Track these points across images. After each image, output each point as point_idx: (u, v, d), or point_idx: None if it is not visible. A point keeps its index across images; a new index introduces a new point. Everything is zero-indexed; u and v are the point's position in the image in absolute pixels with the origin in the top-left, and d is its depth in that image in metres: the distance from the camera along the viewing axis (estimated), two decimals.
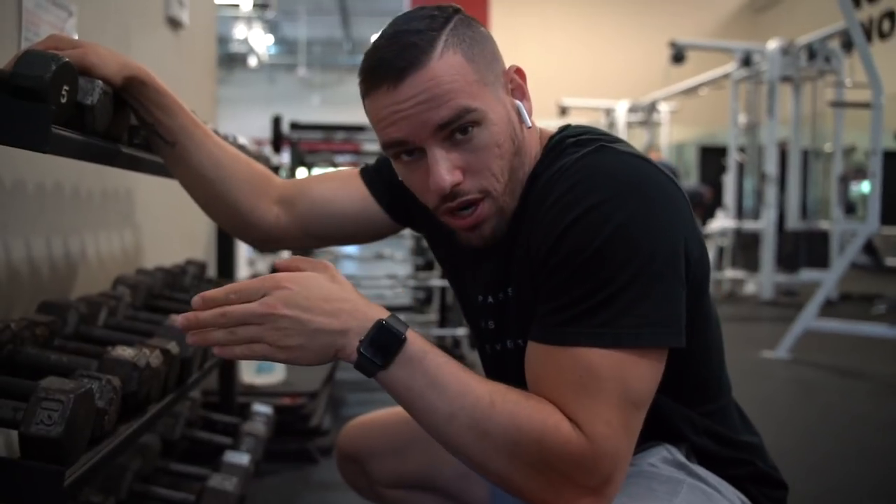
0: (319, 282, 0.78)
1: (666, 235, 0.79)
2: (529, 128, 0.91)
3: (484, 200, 0.87)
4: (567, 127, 0.95)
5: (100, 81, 0.90)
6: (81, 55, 0.90)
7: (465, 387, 0.78)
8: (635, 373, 0.77)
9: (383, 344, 0.77)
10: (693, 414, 0.93)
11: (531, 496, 0.79)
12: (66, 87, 0.81)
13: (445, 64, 0.82)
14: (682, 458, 0.91)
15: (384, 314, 0.79)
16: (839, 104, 6.39)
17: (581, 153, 0.85)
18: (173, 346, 1.12)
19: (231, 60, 16.12)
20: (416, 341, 0.78)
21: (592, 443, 0.75)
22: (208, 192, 1.11)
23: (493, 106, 0.86)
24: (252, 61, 15.95)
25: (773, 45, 6.66)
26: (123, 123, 1.02)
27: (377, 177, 1.14)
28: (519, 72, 0.91)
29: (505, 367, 0.96)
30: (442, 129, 0.83)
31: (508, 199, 0.89)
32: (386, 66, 0.83)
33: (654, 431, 0.84)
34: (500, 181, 0.87)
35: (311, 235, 1.16)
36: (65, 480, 0.74)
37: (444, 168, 0.84)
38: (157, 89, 1.01)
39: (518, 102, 0.90)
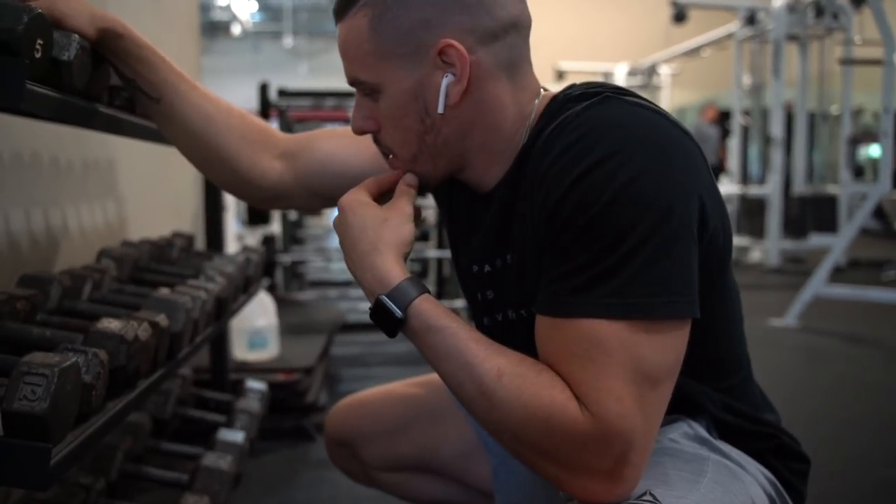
0: (364, 219, 0.86)
1: (680, 192, 0.75)
2: (441, 113, 0.85)
3: (392, 157, 0.92)
4: (572, 86, 0.91)
5: (76, 35, 0.86)
6: (50, 5, 0.86)
7: (472, 358, 0.78)
8: (649, 345, 0.74)
9: (382, 321, 0.82)
10: (712, 390, 0.91)
11: (545, 473, 0.77)
12: (40, 41, 0.78)
13: (351, 26, 0.85)
14: (703, 433, 0.89)
15: (390, 285, 0.83)
16: (848, 62, 6.35)
17: (584, 104, 0.81)
18: (162, 319, 1.10)
19: (213, 29, 15.92)
20: (418, 315, 0.81)
21: (601, 422, 0.72)
22: (202, 149, 1.07)
23: (393, 81, 0.85)
24: (235, 29, 15.75)
25: (778, 2, 6.59)
26: (103, 82, 0.99)
27: None
28: (452, 47, 0.82)
29: (505, 341, 0.94)
30: (353, 85, 0.89)
31: (427, 168, 0.90)
32: (334, 3, 0.88)
33: (674, 405, 0.82)
34: (403, 150, 0.90)
35: (315, 194, 1.12)
36: (51, 459, 0.72)
37: (359, 114, 0.91)
38: (134, 41, 0.97)
39: (445, 78, 0.84)
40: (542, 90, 0.91)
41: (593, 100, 0.82)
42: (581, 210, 0.75)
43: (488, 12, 0.83)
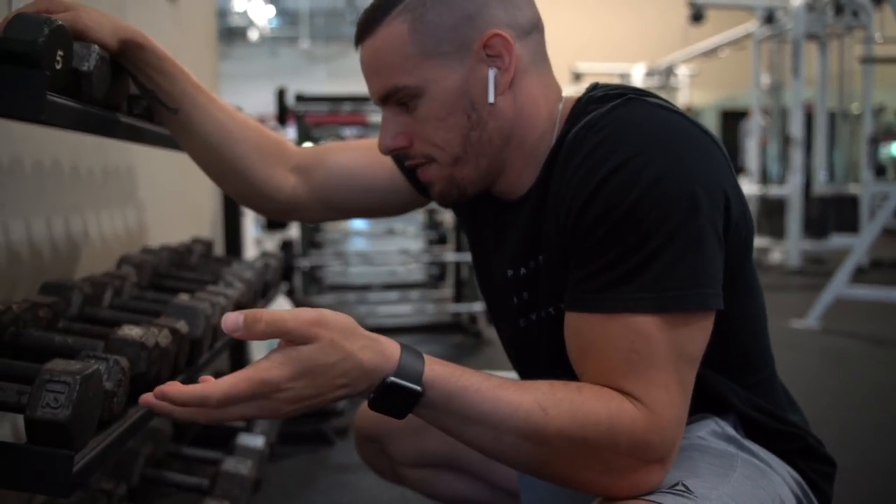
0: (317, 363, 0.70)
1: (704, 188, 0.77)
2: (491, 103, 0.87)
3: (429, 165, 0.91)
4: (595, 86, 0.93)
5: (96, 46, 0.87)
6: (73, 18, 0.87)
7: (508, 407, 0.74)
8: (684, 335, 0.76)
9: (395, 403, 0.73)
10: (738, 386, 0.91)
11: (593, 486, 0.77)
12: (60, 53, 0.79)
13: (387, 34, 0.86)
14: (731, 431, 0.90)
15: (392, 365, 0.72)
16: (869, 60, 6.28)
17: (608, 107, 0.83)
18: (182, 326, 1.11)
19: (231, 34, 16.02)
20: (436, 385, 0.73)
21: (655, 413, 0.74)
22: (217, 162, 1.08)
23: (438, 78, 0.86)
24: (253, 35, 15.85)
25: (797, 0, 6.53)
26: (122, 91, 1.00)
27: None
28: (499, 36, 0.85)
29: (537, 339, 0.94)
30: (383, 101, 0.90)
31: (467, 170, 0.90)
32: (357, 27, 0.90)
33: (700, 403, 0.83)
34: (447, 152, 0.89)
35: (329, 208, 1.14)
36: (74, 465, 0.73)
37: (388, 133, 0.91)
38: (155, 53, 0.98)
39: (491, 71, 0.86)
40: (562, 94, 0.94)
41: (616, 101, 0.83)
42: (609, 210, 0.77)
43: (519, 8, 0.89)
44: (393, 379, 0.72)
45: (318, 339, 0.70)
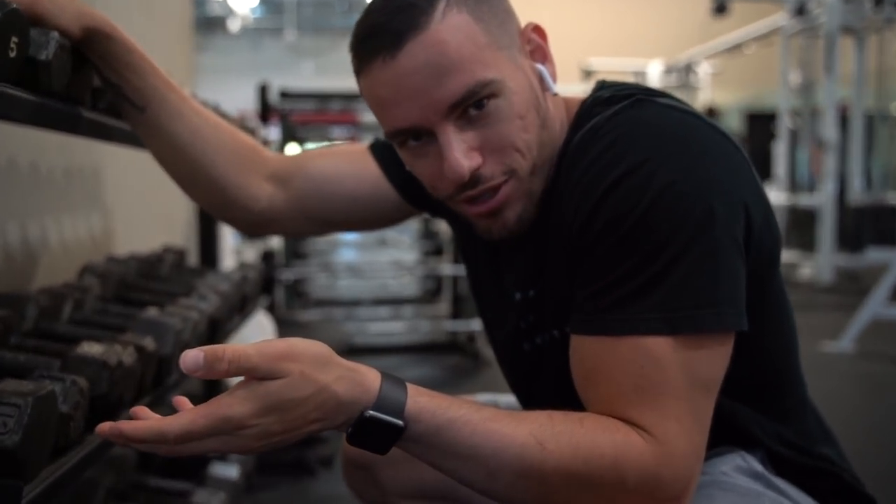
0: (286, 398, 0.69)
1: (721, 196, 0.77)
2: (554, 95, 0.88)
3: (509, 182, 0.84)
4: (602, 85, 0.92)
5: (55, 33, 0.87)
6: (32, 2, 0.87)
7: (499, 442, 0.73)
8: (699, 359, 0.75)
9: (375, 438, 0.72)
10: (765, 418, 0.90)
11: None
12: (14, 39, 0.78)
13: (450, 26, 0.79)
14: (758, 467, 0.89)
15: (371, 397, 0.71)
16: None
17: (614, 109, 0.83)
18: (149, 342, 1.10)
19: (210, 24, 16.08)
20: (420, 418, 0.72)
21: (666, 446, 0.73)
22: (187, 166, 1.08)
23: (511, 72, 0.83)
24: (234, 25, 15.90)
25: None
26: (85, 84, 1.00)
27: (389, 152, 1.10)
28: (538, 30, 0.88)
29: (540, 364, 0.93)
30: (454, 108, 0.80)
31: (537, 180, 0.86)
32: (380, 33, 0.80)
33: (723, 435, 0.82)
34: (527, 158, 0.84)
35: (309, 218, 1.14)
36: (22, 497, 0.72)
37: (460, 152, 0.81)
38: (124, 45, 0.98)
39: (539, 66, 0.87)
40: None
41: (623, 103, 0.83)
42: (615, 222, 0.76)
43: None
44: (371, 413, 0.71)
45: (288, 374, 0.69)
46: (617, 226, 0.76)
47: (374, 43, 0.80)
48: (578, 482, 0.74)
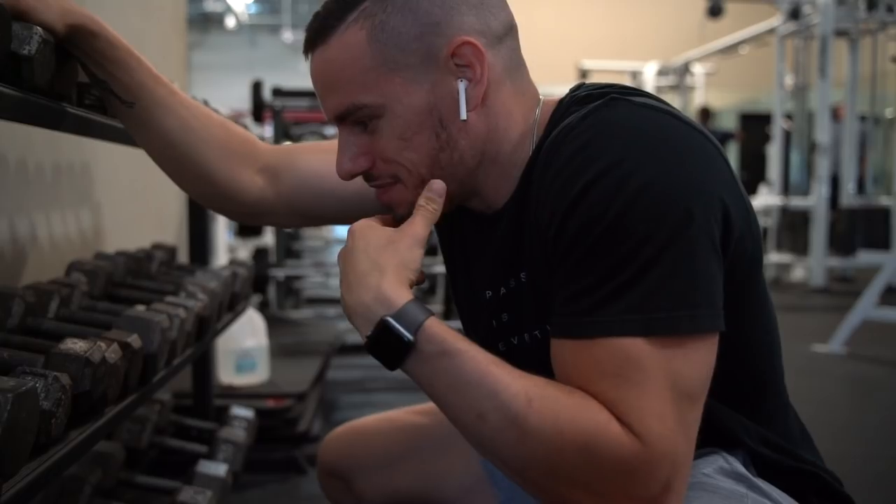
0: (367, 241, 0.84)
1: (698, 196, 0.76)
2: (464, 120, 0.86)
3: (393, 186, 0.90)
4: (580, 86, 0.91)
5: (38, 28, 0.86)
6: None
7: (495, 384, 0.75)
8: (681, 361, 0.74)
9: (386, 347, 0.78)
10: (748, 419, 0.90)
11: None
12: None
13: (343, 44, 0.84)
14: (741, 469, 0.88)
15: (395, 305, 0.79)
16: None
17: (588, 108, 0.82)
18: (134, 340, 1.10)
19: (206, 21, 16.06)
20: (431, 339, 0.77)
21: (646, 443, 0.72)
22: (177, 160, 1.07)
23: (403, 94, 0.84)
24: (230, 22, 15.90)
25: None
26: (70, 79, 0.99)
27: None
28: (469, 45, 0.84)
29: (522, 365, 0.93)
30: (339, 120, 0.88)
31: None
32: (309, 28, 0.88)
33: (706, 437, 0.81)
34: (413, 173, 0.88)
35: (299, 214, 1.14)
36: (1, 495, 0.71)
37: (347, 155, 0.89)
38: (109, 41, 0.97)
39: (461, 84, 0.85)
40: (540, 98, 0.93)
41: (597, 102, 0.82)
42: (592, 222, 0.76)
43: (492, 11, 0.87)
44: (389, 319, 0.77)
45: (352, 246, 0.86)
46: (592, 228, 0.75)
47: (305, 35, 0.89)
48: (550, 453, 0.74)
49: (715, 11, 7.40)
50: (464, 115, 0.85)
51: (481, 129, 0.87)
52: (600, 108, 0.81)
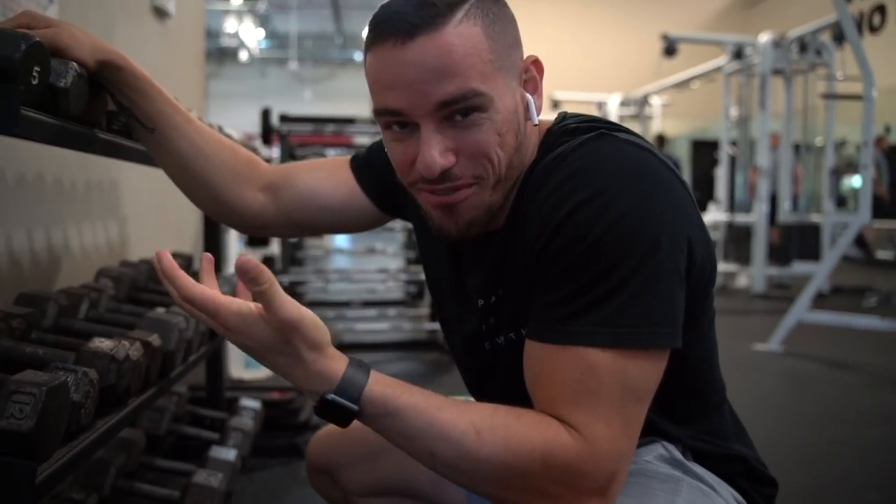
0: (270, 345, 0.74)
1: (666, 228, 0.76)
2: (535, 125, 0.87)
3: (473, 186, 0.82)
4: (565, 116, 0.91)
5: (74, 63, 0.86)
6: (53, 35, 0.86)
7: (442, 428, 0.74)
8: (636, 370, 0.75)
9: (333, 416, 0.75)
10: (683, 426, 0.91)
11: None
12: (37, 68, 0.78)
13: (463, 34, 0.76)
14: (678, 456, 0.89)
15: (334, 381, 0.74)
16: (831, 96, 6.38)
17: (579, 140, 0.82)
18: (155, 339, 1.09)
19: (222, 54, 16.03)
20: (373, 403, 0.74)
21: (593, 445, 0.73)
22: (190, 179, 1.08)
23: (503, 93, 0.80)
24: (243, 55, 15.88)
25: (764, 37, 6.64)
26: (100, 108, 0.99)
27: (367, 167, 1.12)
28: (537, 64, 0.86)
29: (495, 363, 0.93)
30: (443, 108, 0.77)
31: (497, 196, 0.84)
32: (398, 20, 0.76)
33: (648, 428, 0.82)
34: (496, 171, 0.82)
35: (296, 225, 1.14)
36: (36, 476, 0.71)
37: (437, 149, 0.78)
38: (133, 73, 0.97)
39: (529, 96, 0.85)
40: None
41: (589, 136, 0.82)
42: (574, 241, 0.76)
43: None
44: (332, 396, 0.74)
45: (281, 337, 0.74)
46: (574, 248, 0.76)
47: (390, 26, 0.77)
48: (508, 470, 0.74)
49: (670, 51, 7.45)
50: (535, 121, 0.85)
51: (530, 137, 0.87)
52: (591, 140, 0.81)
